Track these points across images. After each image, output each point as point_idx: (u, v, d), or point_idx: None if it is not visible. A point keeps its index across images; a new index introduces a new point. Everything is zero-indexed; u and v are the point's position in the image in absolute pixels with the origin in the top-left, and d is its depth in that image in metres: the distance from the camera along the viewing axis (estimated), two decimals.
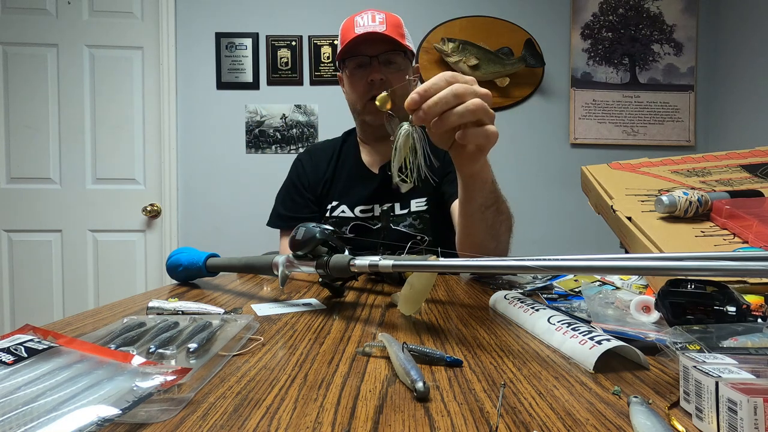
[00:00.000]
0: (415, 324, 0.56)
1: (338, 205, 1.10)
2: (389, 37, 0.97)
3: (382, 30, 0.97)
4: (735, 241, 0.62)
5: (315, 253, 0.65)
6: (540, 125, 2.19)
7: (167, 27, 2.09)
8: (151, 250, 2.15)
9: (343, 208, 1.10)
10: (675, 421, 0.30)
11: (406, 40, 1.02)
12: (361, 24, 0.99)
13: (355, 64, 1.02)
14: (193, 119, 2.14)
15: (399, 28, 1.01)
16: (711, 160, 0.87)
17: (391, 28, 0.99)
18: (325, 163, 1.15)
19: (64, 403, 0.29)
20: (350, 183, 1.12)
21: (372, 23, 0.98)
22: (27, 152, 2.09)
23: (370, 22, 0.99)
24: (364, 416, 0.31)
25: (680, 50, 2.19)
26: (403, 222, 1.07)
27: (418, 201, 1.08)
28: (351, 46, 0.99)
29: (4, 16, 2.07)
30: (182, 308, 0.59)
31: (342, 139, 1.20)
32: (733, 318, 0.42)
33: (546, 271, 0.41)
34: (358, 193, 1.10)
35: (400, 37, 1.00)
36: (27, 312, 2.10)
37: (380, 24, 0.98)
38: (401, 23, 1.03)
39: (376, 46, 0.99)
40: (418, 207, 1.08)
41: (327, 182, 1.13)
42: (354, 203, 1.09)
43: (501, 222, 0.83)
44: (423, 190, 1.08)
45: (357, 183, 1.11)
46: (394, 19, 1.02)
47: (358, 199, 1.09)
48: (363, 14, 1.01)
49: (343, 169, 1.14)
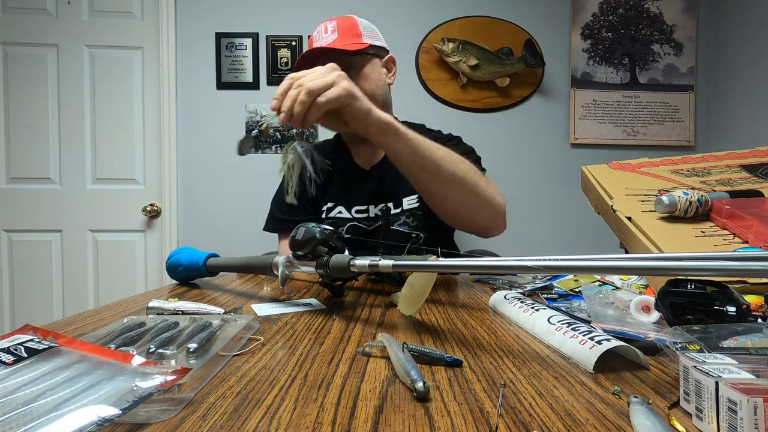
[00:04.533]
0: (415, 324, 0.56)
1: (334, 206, 1.10)
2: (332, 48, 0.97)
3: (334, 38, 0.99)
4: (735, 241, 0.62)
5: (315, 253, 0.65)
6: (540, 125, 2.19)
7: (167, 27, 2.09)
8: (151, 250, 2.15)
9: (340, 209, 1.10)
10: (675, 421, 0.30)
11: (363, 37, 1.02)
12: (317, 38, 1.02)
13: None
14: (193, 119, 2.14)
15: (351, 29, 1.02)
16: (711, 160, 0.87)
17: (343, 32, 1.00)
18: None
19: (64, 403, 0.29)
20: (345, 183, 1.12)
21: (325, 34, 1.00)
22: (27, 152, 2.09)
23: (323, 33, 1.01)
24: (364, 416, 0.31)
25: (680, 50, 2.19)
26: (397, 221, 1.07)
27: (410, 199, 1.09)
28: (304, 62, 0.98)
29: (4, 16, 2.07)
30: (182, 308, 0.59)
31: (335, 140, 1.20)
32: (733, 318, 0.42)
33: (546, 271, 0.41)
34: (355, 193, 1.10)
35: (354, 37, 1.01)
36: (27, 312, 2.10)
37: (332, 33, 1.00)
38: (355, 23, 1.03)
39: (327, 57, 0.99)
40: (410, 205, 1.08)
41: (322, 184, 1.13)
42: (351, 204, 1.10)
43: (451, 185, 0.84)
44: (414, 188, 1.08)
45: (352, 183, 1.12)
46: (345, 22, 1.02)
47: (354, 200, 1.10)
48: (318, 28, 1.03)
49: (337, 169, 1.14)
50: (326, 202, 1.12)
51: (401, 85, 2.14)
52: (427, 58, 2.14)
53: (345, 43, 0.99)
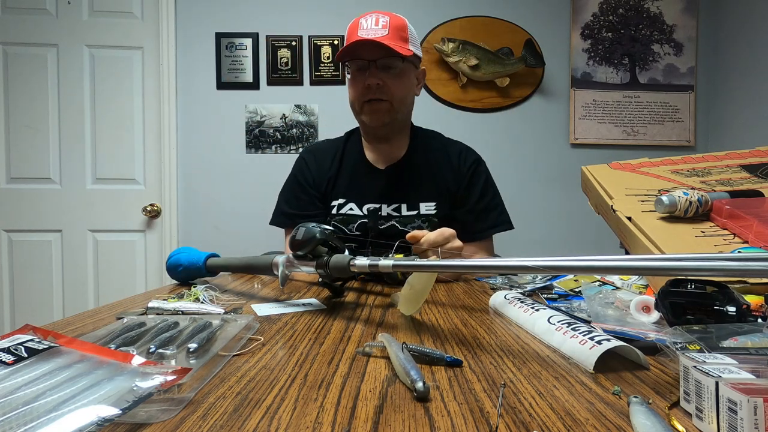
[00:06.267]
0: (415, 324, 0.56)
1: (346, 203, 1.10)
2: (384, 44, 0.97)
3: (384, 34, 0.98)
4: (735, 241, 0.62)
5: (315, 253, 0.65)
6: (540, 125, 2.19)
7: (167, 27, 2.09)
8: (151, 250, 2.15)
9: (351, 206, 1.10)
10: (675, 421, 0.30)
11: (409, 43, 1.03)
12: (365, 27, 1.00)
13: (356, 67, 1.03)
14: (193, 119, 2.14)
15: (402, 31, 1.02)
16: (711, 160, 0.87)
17: (394, 31, 1.00)
18: (329, 159, 1.15)
19: (64, 403, 0.29)
20: (356, 180, 1.12)
21: (375, 27, 1.00)
22: (27, 152, 2.09)
23: (373, 25, 1.00)
24: (364, 416, 0.31)
25: (680, 50, 2.19)
26: (410, 223, 1.07)
27: (428, 205, 1.09)
28: (351, 49, 1.00)
29: (4, 16, 2.07)
30: (182, 308, 0.59)
31: (345, 137, 1.20)
32: (733, 318, 0.42)
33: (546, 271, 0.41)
34: (366, 190, 1.10)
35: (402, 41, 1.01)
36: (27, 312, 2.10)
37: (383, 28, 0.99)
38: (405, 26, 1.03)
39: (374, 51, 0.99)
40: (428, 210, 1.09)
41: (332, 179, 1.13)
42: (362, 201, 1.09)
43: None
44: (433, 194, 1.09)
45: (363, 180, 1.11)
46: (398, 22, 1.02)
47: (366, 197, 1.10)
48: (368, 16, 1.02)
49: (348, 165, 1.14)
50: (336, 198, 1.11)
51: None
52: (428, 58, 2.14)
53: (395, 43, 0.99)
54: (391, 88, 1.02)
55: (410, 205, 1.09)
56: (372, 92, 1.02)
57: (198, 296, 0.66)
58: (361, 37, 0.98)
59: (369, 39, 0.97)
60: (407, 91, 1.06)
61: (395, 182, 1.10)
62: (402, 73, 1.03)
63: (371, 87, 1.01)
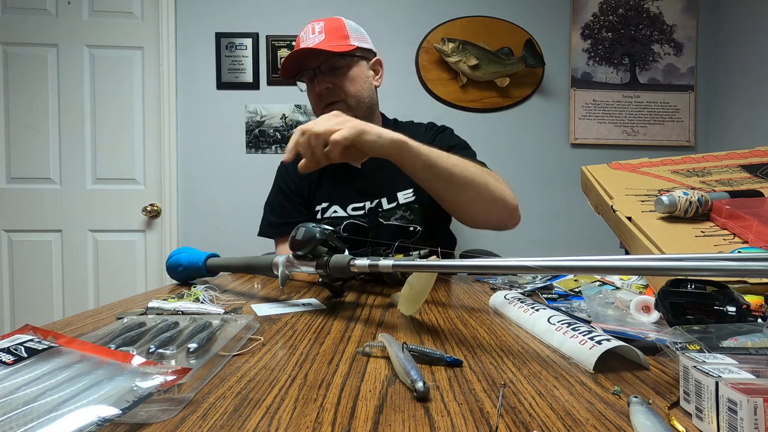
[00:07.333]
0: (415, 324, 0.56)
1: (329, 206, 1.10)
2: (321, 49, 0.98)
3: (321, 39, 1.00)
4: (735, 241, 0.62)
5: (315, 253, 0.65)
6: (540, 125, 2.19)
7: (167, 27, 2.09)
8: (151, 250, 2.15)
9: (335, 208, 1.10)
10: (675, 421, 0.30)
11: (350, 39, 1.03)
12: (304, 39, 1.03)
13: (307, 78, 1.05)
14: (193, 119, 2.14)
15: (339, 30, 1.03)
16: (711, 160, 0.87)
17: (330, 33, 1.01)
18: None
19: (64, 403, 0.29)
20: (337, 182, 1.12)
21: (312, 35, 1.02)
22: (27, 152, 2.09)
23: (310, 34, 1.03)
24: (364, 416, 0.31)
25: (680, 50, 2.19)
26: (393, 216, 1.07)
27: (405, 193, 1.09)
28: (292, 65, 1.02)
29: (4, 16, 2.07)
30: (182, 308, 0.59)
31: None
32: (733, 318, 0.42)
33: (546, 271, 0.41)
34: (348, 191, 1.10)
35: (340, 39, 1.01)
36: (27, 312, 2.09)
37: (319, 33, 1.01)
38: (342, 25, 1.04)
39: (315, 58, 1.01)
40: (406, 198, 1.08)
41: (313, 184, 1.13)
42: (346, 202, 1.09)
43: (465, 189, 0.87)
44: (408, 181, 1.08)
45: (344, 181, 1.11)
46: (332, 23, 1.04)
47: (348, 198, 1.09)
48: (305, 28, 1.05)
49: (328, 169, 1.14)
50: (320, 203, 1.11)
51: (401, 85, 2.14)
52: (427, 58, 2.14)
53: (332, 44, 0.99)
54: (342, 88, 1.02)
55: (389, 197, 1.09)
56: (325, 97, 1.03)
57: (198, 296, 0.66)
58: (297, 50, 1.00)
59: (304, 48, 0.99)
60: (360, 86, 1.05)
61: (373, 178, 1.10)
62: (349, 69, 1.03)
63: (323, 93, 1.02)
